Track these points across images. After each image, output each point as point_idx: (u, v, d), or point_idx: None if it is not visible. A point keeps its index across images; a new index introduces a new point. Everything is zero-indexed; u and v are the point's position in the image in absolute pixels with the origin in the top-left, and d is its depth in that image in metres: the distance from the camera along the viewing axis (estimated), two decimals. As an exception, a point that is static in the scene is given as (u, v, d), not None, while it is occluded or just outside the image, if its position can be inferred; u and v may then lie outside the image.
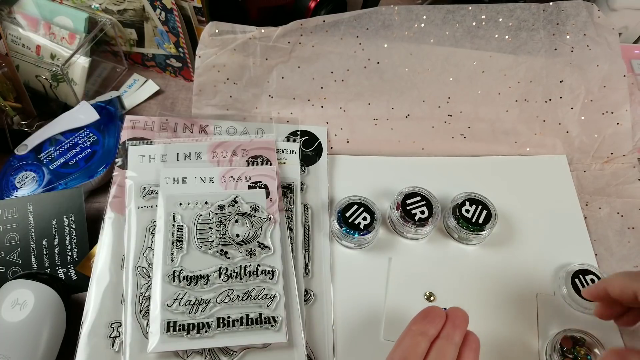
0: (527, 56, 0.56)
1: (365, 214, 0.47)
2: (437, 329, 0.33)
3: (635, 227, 0.51)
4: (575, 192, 0.53)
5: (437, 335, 0.33)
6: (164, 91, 0.61)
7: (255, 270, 0.43)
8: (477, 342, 0.34)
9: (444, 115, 0.57)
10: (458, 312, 0.34)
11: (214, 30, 0.52)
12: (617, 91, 0.55)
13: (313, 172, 0.52)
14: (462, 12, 0.54)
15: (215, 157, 0.50)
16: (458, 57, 0.56)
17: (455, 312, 0.34)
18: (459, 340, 0.33)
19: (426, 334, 0.32)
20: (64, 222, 0.46)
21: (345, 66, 0.56)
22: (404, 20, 0.54)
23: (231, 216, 0.45)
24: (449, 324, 0.33)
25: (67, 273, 0.45)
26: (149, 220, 0.45)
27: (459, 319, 0.34)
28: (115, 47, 0.61)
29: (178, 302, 0.41)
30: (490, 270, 0.48)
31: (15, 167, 0.50)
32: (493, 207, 0.48)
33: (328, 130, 0.55)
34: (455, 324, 0.33)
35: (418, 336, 0.32)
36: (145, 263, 0.43)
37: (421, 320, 0.34)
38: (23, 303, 0.39)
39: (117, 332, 0.40)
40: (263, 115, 0.56)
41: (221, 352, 0.40)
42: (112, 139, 0.52)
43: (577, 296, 0.44)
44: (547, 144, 0.56)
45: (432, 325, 0.33)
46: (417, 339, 0.32)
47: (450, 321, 0.33)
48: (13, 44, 0.56)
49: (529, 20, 0.55)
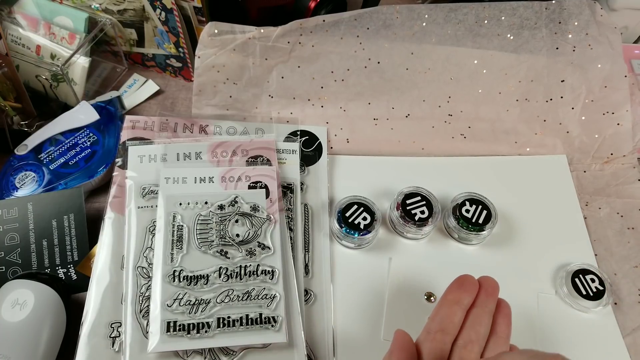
0: (529, 55, 0.56)
1: (365, 214, 0.47)
2: (472, 298, 0.34)
3: (635, 228, 0.51)
4: (575, 192, 0.53)
5: (472, 304, 0.33)
6: (164, 91, 0.61)
7: (255, 270, 0.43)
8: (509, 308, 0.35)
9: (444, 115, 0.57)
10: (490, 280, 0.35)
11: (214, 31, 0.52)
12: (618, 91, 0.55)
13: (313, 172, 0.52)
14: (465, 11, 0.54)
15: (215, 157, 0.50)
16: (459, 56, 0.56)
17: (488, 281, 0.35)
18: (492, 308, 0.34)
19: (462, 302, 0.33)
20: (64, 222, 0.46)
21: (345, 66, 0.55)
22: (405, 19, 0.54)
23: (231, 216, 0.45)
24: (482, 292, 0.34)
25: (67, 273, 0.45)
26: (149, 220, 0.45)
27: (491, 287, 0.34)
28: (115, 47, 0.60)
29: (178, 302, 0.41)
30: (490, 270, 0.47)
31: (15, 167, 0.50)
32: (493, 207, 0.48)
33: (328, 130, 0.55)
34: (488, 292, 0.34)
35: (454, 305, 0.33)
36: (145, 263, 0.43)
37: (456, 290, 0.34)
38: (23, 303, 0.39)
39: (117, 332, 0.41)
40: (263, 115, 0.56)
41: (221, 352, 0.40)
42: (112, 139, 0.52)
43: (577, 296, 0.45)
44: (547, 144, 0.56)
45: (467, 294, 0.34)
46: (453, 308, 0.33)
47: (484, 289, 0.34)
48: (13, 44, 0.56)
49: (531, 19, 0.54)
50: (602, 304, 0.45)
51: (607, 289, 0.45)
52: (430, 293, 0.46)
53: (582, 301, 0.45)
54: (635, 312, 0.46)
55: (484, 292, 0.34)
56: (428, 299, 0.45)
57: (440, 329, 0.32)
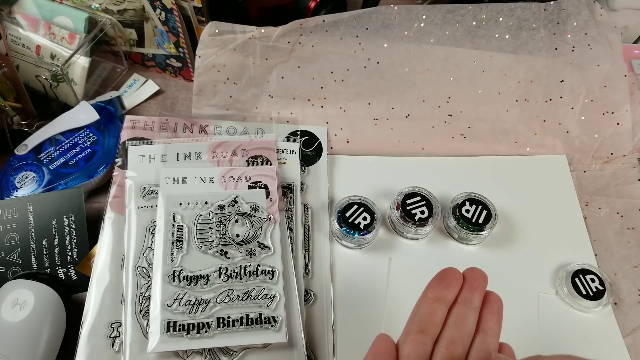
0: (528, 56, 0.56)
1: (365, 214, 0.47)
2: (454, 293, 0.31)
3: (635, 228, 0.51)
4: (575, 192, 0.53)
5: (454, 300, 0.31)
6: (164, 91, 0.61)
7: (255, 270, 0.43)
8: (499, 302, 0.31)
9: (444, 115, 0.57)
10: (476, 272, 0.32)
11: (214, 30, 0.52)
12: (618, 91, 0.55)
13: (313, 172, 0.52)
14: (462, 12, 0.54)
15: (215, 157, 0.50)
16: (458, 56, 0.56)
17: (473, 273, 0.32)
18: (478, 304, 0.31)
19: (443, 299, 0.30)
20: (64, 222, 0.46)
21: (345, 66, 0.56)
22: (404, 20, 0.54)
23: (231, 216, 0.45)
24: (466, 287, 0.31)
25: (67, 273, 0.45)
26: (149, 220, 0.45)
27: (477, 280, 0.31)
28: (115, 47, 0.61)
29: (178, 302, 0.41)
30: (490, 271, 0.47)
31: (15, 167, 0.50)
32: (493, 207, 0.48)
33: (328, 130, 0.55)
34: (472, 286, 0.31)
35: (434, 303, 0.30)
36: (145, 263, 0.43)
37: (437, 285, 0.31)
38: (23, 303, 0.39)
39: (117, 332, 0.41)
40: (263, 115, 0.56)
41: (221, 352, 0.40)
42: (112, 139, 0.52)
43: (577, 296, 0.45)
44: (547, 144, 0.56)
45: (449, 290, 0.31)
46: (433, 307, 0.30)
47: (468, 283, 0.31)
48: (13, 44, 0.56)
49: (529, 20, 0.54)
50: (602, 304, 0.45)
51: (607, 289, 0.45)
52: (430, 293, 0.46)
53: (582, 301, 0.45)
54: (635, 312, 0.46)
55: (468, 286, 0.31)
56: (428, 298, 0.45)
57: (420, 330, 0.30)
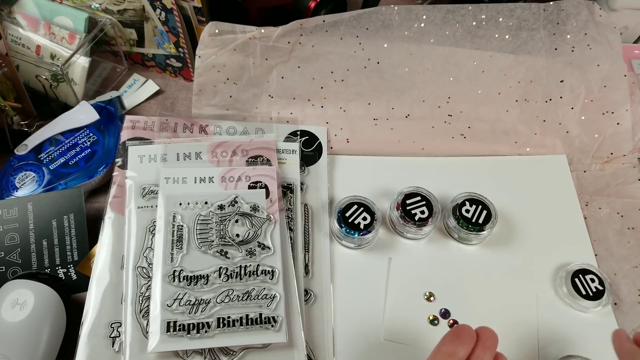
0: (528, 56, 0.56)
1: (365, 214, 0.47)
2: (467, 351, 0.32)
3: (635, 228, 0.51)
4: (575, 192, 0.53)
5: (467, 357, 0.32)
6: (164, 91, 0.61)
7: (255, 270, 0.43)
8: None
9: (444, 115, 0.57)
10: (488, 332, 0.33)
11: (214, 30, 0.52)
12: (618, 91, 0.55)
13: (313, 172, 0.52)
14: (462, 12, 0.54)
15: (215, 157, 0.50)
16: (458, 56, 0.56)
17: (486, 333, 0.33)
18: None
19: (456, 355, 0.32)
20: (64, 222, 0.46)
21: (345, 66, 0.56)
22: (404, 20, 0.54)
23: (231, 216, 0.45)
24: (480, 346, 0.32)
25: (67, 273, 0.45)
26: (149, 220, 0.45)
27: (489, 340, 0.33)
28: (115, 47, 0.61)
29: (178, 302, 0.41)
30: (490, 270, 0.48)
31: (15, 167, 0.50)
32: (493, 207, 0.48)
33: (328, 130, 0.55)
34: (485, 346, 0.32)
35: (448, 358, 0.32)
36: (145, 263, 0.43)
37: (452, 341, 0.33)
38: (23, 303, 0.39)
39: (117, 332, 0.41)
40: (263, 115, 0.56)
41: (221, 352, 0.40)
42: (112, 139, 0.52)
43: (577, 296, 0.45)
44: (547, 144, 0.56)
45: (463, 347, 0.32)
46: None
47: (481, 342, 0.33)
48: (13, 44, 0.56)
49: (529, 20, 0.55)
50: (602, 304, 0.45)
51: (607, 289, 0.45)
52: (431, 293, 0.46)
53: (582, 301, 0.45)
54: (635, 312, 0.46)
55: (481, 345, 0.32)
56: (428, 299, 0.45)
57: None
